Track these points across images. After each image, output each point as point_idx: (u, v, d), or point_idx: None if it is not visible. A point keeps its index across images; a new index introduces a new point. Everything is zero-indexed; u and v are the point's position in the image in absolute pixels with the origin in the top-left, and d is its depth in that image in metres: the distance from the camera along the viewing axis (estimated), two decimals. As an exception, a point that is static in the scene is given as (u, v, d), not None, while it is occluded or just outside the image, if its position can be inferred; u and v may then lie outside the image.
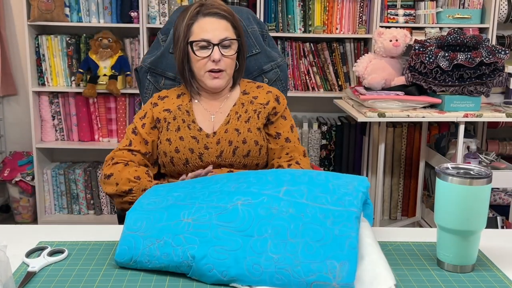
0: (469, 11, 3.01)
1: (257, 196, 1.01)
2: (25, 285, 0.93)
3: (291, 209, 0.98)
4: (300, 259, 0.92)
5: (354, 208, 0.98)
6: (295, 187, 1.02)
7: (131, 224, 1.02)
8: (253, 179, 1.07)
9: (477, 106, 2.45)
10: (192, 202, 1.03)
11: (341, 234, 0.93)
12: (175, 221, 1.00)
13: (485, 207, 0.99)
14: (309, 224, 0.96)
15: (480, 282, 0.96)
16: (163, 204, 1.06)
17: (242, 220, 0.98)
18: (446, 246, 1.01)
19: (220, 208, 1.00)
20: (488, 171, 0.99)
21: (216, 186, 1.08)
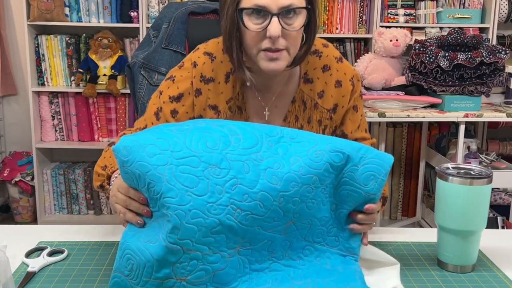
0: (470, 11, 3.01)
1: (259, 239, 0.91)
2: (24, 285, 0.93)
3: (287, 253, 0.94)
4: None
5: (354, 250, 0.96)
6: (301, 221, 0.93)
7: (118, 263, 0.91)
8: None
9: (477, 106, 2.45)
10: (184, 246, 0.86)
11: (346, 271, 0.93)
12: (165, 279, 0.87)
13: (485, 207, 0.98)
14: (308, 275, 0.93)
15: (481, 282, 0.96)
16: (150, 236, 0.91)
17: (238, 277, 0.90)
18: (447, 246, 1.00)
19: (217, 258, 0.87)
20: (489, 171, 0.99)
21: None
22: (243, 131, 0.93)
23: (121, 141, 0.90)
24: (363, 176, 0.93)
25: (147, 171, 0.87)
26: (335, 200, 0.95)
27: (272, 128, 0.96)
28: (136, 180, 0.89)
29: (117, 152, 0.90)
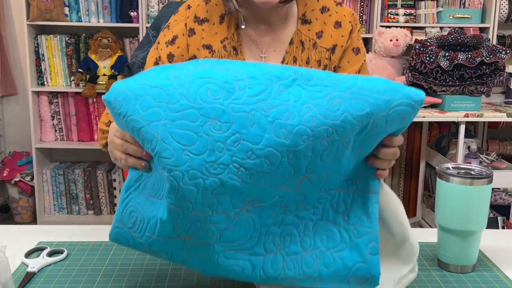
0: (470, 10, 3.01)
1: (268, 197, 0.83)
2: (24, 285, 0.93)
3: (301, 204, 0.85)
4: (319, 279, 0.84)
5: (372, 189, 0.86)
6: (316, 175, 0.83)
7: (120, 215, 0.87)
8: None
9: (477, 106, 2.45)
10: (185, 208, 0.79)
11: (360, 236, 0.84)
12: (169, 237, 0.82)
13: (485, 207, 0.98)
14: (323, 224, 0.85)
15: (481, 282, 0.96)
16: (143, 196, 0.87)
17: (248, 233, 0.84)
18: (447, 246, 1.00)
19: (223, 218, 0.81)
20: (489, 171, 0.99)
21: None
22: (251, 75, 0.81)
23: (112, 91, 0.82)
24: (390, 121, 0.81)
25: (140, 127, 0.79)
26: (358, 149, 0.83)
27: (284, 69, 0.83)
28: (131, 133, 0.83)
29: (108, 104, 0.82)
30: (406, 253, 0.90)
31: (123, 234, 0.85)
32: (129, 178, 0.87)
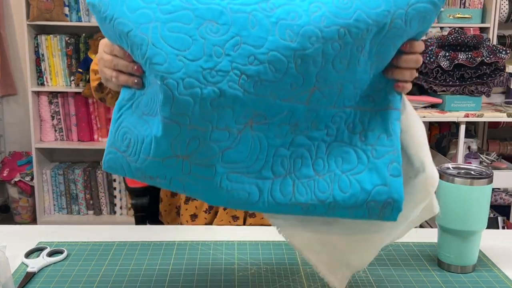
0: (470, 10, 3.01)
1: (275, 111, 0.74)
2: (24, 285, 0.93)
3: (313, 123, 0.77)
4: (334, 206, 0.75)
5: (392, 104, 0.77)
6: (328, 86, 0.74)
7: (113, 138, 0.80)
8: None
9: (478, 106, 2.45)
10: (181, 122, 0.71)
11: (379, 157, 0.75)
12: (166, 157, 0.74)
13: (486, 207, 0.98)
14: (337, 145, 0.77)
15: (481, 283, 0.96)
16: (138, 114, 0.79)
17: (253, 154, 0.75)
18: (447, 247, 1.00)
19: (225, 135, 0.73)
20: (489, 171, 0.99)
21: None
22: None
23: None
24: (409, 21, 0.72)
25: (128, 31, 0.71)
26: (375, 56, 0.74)
27: None
28: (119, 40, 0.75)
29: (92, 8, 0.75)
30: (422, 185, 0.79)
31: (117, 160, 0.77)
32: (121, 97, 0.80)
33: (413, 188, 0.79)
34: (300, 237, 0.82)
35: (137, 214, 1.49)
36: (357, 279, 0.95)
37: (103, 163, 0.80)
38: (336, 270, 0.83)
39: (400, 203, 0.74)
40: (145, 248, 1.06)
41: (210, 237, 1.12)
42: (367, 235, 0.82)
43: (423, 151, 0.79)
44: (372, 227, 0.80)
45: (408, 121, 0.79)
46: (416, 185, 0.79)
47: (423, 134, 0.80)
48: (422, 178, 0.78)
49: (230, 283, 0.94)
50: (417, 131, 0.79)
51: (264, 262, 1.01)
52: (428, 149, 0.80)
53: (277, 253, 1.04)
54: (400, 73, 0.77)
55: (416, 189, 0.79)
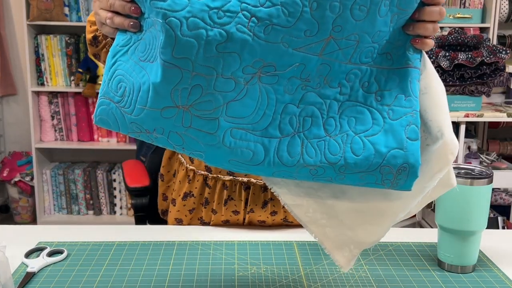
0: (470, 10, 3.01)
1: (286, 61, 0.68)
2: (24, 285, 0.92)
3: (326, 79, 0.71)
4: (345, 169, 0.70)
5: (411, 63, 0.72)
6: (344, 37, 0.68)
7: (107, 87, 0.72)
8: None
9: (478, 106, 2.45)
10: (183, 66, 0.65)
11: (396, 118, 0.70)
12: (164, 107, 0.67)
13: (486, 207, 0.98)
14: (350, 104, 0.72)
15: (481, 283, 0.96)
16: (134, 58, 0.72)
17: (260, 110, 0.70)
18: (447, 247, 1.00)
19: (230, 85, 0.67)
20: (489, 171, 0.99)
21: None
22: None
23: None
24: None
25: None
26: (396, 7, 0.68)
27: None
28: None
29: None
30: (440, 153, 0.73)
31: (110, 111, 0.71)
32: (115, 43, 0.74)
33: (431, 156, 0.73)
34: (305, 209, 0.78)
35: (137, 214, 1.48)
36: (357, 279, 0.95)
37: (94, 116, 0.73)
38: (343, 246, 0.79)
39: (416, 169, 0.69)
40: (145, 248, 1.06)
41: (210, 237, 1.12)
42: (378, 208, 0.76)
43: (442, 115, 0.73)
44: (384, 199, 0.76)
45: (428, 81, 0.74)
46: (434, 152, 0.73)
47: (443, 96, 0.74)
48: (441, 145, 0.72)
49: (230, 283, 0.94)
50: (437, 92, 0.74)
51: (264, 262, 1.01)
52: (447, 113, 0.74)
53: (277, 253, 1.04)
54: (423, 27, 0.72)
55: (433, 157, 0.73)
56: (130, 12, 0.72)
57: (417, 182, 0.72)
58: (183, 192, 1.21)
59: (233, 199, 1.17)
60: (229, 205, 1.17)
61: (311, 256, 1.03)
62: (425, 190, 0.75)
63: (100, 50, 1.02)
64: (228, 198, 1.17)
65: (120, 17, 0.74)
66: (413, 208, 0.78)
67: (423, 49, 0.73)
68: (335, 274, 0.96)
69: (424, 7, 0.71)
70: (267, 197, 1.15)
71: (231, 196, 1.16)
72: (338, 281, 0.94)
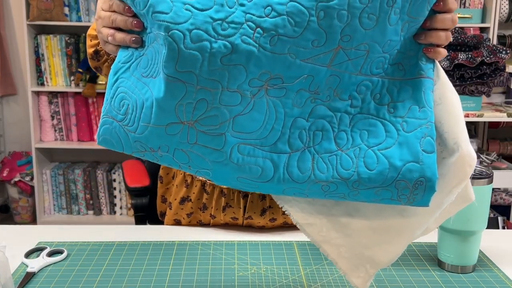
0: (470, 10, 3.01)
1: (294, 73, 0.66)
2: (24, 285, 0.92)
3: (336, 91, 0.69)
4: (358, 185, 0.68)
5: (424, 73, 0.70)
6: (353, 47, 0.66)
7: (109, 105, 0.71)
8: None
9: (478, 106, 2.45)
10: (187, 80, 0.63)
11: (411, 130, 0.68)
12: (169, 123, 0.66)
13: (486, 207, 0.98)
14: (362, 117, 0.70)
15: (481, 283, 0.96)
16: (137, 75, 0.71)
17: (268, 124, 0.68)
18: (447, 247, 1.00)
19: (236, 98, 0.65)
20: (489, 171, 0.99)
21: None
22: None
23: None
24: None
25: None
26: (406, 14, 0.66)
27: None
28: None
29: None
30: (458, 166, 0.70)
31: (113, 130, 0.69)
32: (117, 59, 0.73)
33: (448, 170, 0.71)
34: (318, 228, 0.76)
35: (137, 214, 1.48)
36: (357, 279, 0.95)
37: (98, 136, 0.72)
38: (359, 266, 0.76)
39: (433, 183, 0.67)
40: (145, 248, 1.06)
41: (210, 237, 1.12)
42: (394, 226, 0.74)
43: (458, 126, 0.70)
44: (400, 217, 0.73)
45: (443, 91, 0.71)
46: (451, 166, 0.70)
47: (459, 107, 0.71)
48: (458, 158, 0.70)
49: (230, 283, 0.94)
50: (452, 103, 0.71)
51: (264, 262, 1.01)
52: (464, 124, 0.71)
53: (277, 253, 1.04)
54: (435, 35, 0.70)
55: (451, 171, 0.71)
56: (132, 26, 0.71)
57: (434, 197, 0.69)
58: (180, 197, 1.20)
59: (231, 206, 1.16)
60: (227, 212, 1.16)
61: (311, 256, 1.03)
62: (443, 205, 0.73)
63: (102, 64, 1.02)
64: (226, 205, 1.16)
65: (121, 33, 0.74)
66: (431, 225, 0.76)
67: (436, 59, 0.72)
68: (335, 274, 0.96)
69: (435, 15, 0.70)
70: (265, 205, 1.14)
71: (229, 204, 1.16)
72: (338, 281, 0.94)
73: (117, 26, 0.75)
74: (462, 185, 0.72)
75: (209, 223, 1.20)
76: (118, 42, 0.74)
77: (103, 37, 0.78)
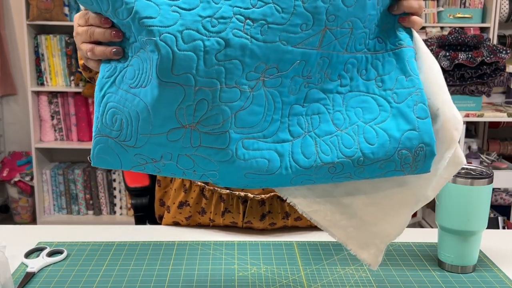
0: (470, 10, 3.01)
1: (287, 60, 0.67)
2: (24, 285, 0.92)
3: (326, 73, 0.71)
4: (363, 161, 0.69)
5: (404, 42, 0.72)
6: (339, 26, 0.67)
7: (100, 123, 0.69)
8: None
9: (478, 106, 2.45)
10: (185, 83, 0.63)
11: (402, 100, 0.70)
12: (170, 129, 0.65)
13: (486, 207, 0.98)
14: (353, 95, 0.72)
15: (481, 283, 0.96)
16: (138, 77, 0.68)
17: (268, 115, 0.69)
18: (447, 247, 1.00)
19: (236, 94, 0.65)
20: (489, 171, 0.98)
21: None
22: None
23: None
24: None
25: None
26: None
27: None
28: (97, 1, 0.66)
29: None
30: (444, 131, 0.72)
31: (108, 148, 0.68)
32: (100, 75, 0.70)
33: (436, 136, 0.72)
34: (323, 213, 0.78)
35: (137, 214, 1.48)
36: (357, 279, 0.95)
37: (92, 158, 0.70)
38: (368, 244, 0.78)
39: (432, 147, 0.69)
40: (145, 248, 1.06)
41: (210, 237, 1.12)
42: (395, 198, 0.76)
43: (439, 93, 0.72)
44: (398, 188, 0.76)
45: (421, 60, 0.73)
46: (438, 132, 0.72)
47: (439, 74, 0.73)
48: (443, 123, 0.72)
49: (230, 283, 0.93)
50: (432, 70, 0.73)
51: (264, 262, 1.00)
52: (445, 89, 0.73)
53: (277, 253, 1.04)
54: (407, 4, 0.72)
55: (439, 137, 0.72)
56: (112, 37, 0.70)
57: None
58: (179, 201, 1.19)
59: (231, 212, 1.15)
60: (226, 217, 1.16)
61: (311, 256, 1.03)
62: (437, 171, 0.75)
63: (94, 74, 1.01)
64: (225, 210, 1.15)
65: (101, 46, 0.72)
66: (430, 193, 0.78)
67: (412, 27, 0.73)
68: (335, 274, 0.96)
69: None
70: (265, 210, 1.14)
71: (228, 209, 1.15)
72: (338, 281, 0.94)
73: (96, 40, 0.72)
74: (453, 149, 0.73)
75: (208, 225, 1.20)
76: (98, 56, 0.72)
77: (83, 54, 0.76)
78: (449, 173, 0.78)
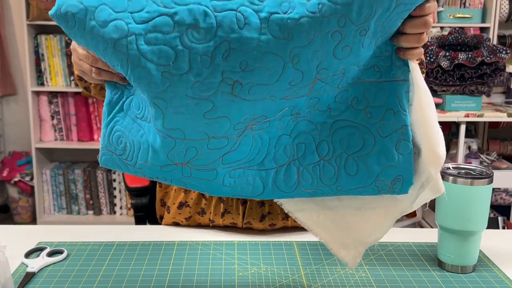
0: (470, 10, 3.01)
1: (275, 109, 0.68)
2: (24, 285, 0.92)
3: (316, 107, 0.72)
4: (342, 188, 0.73)
5: (399, 75, 0.71)
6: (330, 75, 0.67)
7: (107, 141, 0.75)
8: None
9: (478, 106, 2.45)
10: (176, 136, 0.68)
11: (387, 135, 0.71)
12: (164, 165, 0.71)
13: (486, 207, 0.98)
14: (341, 124, 0.72)
15: (481, 283, 0.96)
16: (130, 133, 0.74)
17: (255, 150, 0.72)
18: (447, 247, 1.00)
19: (223, 142, 0.69)
20: (489, 171, 0.98)
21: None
22: None
23: (58, 3, 0.64)
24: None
25: (104, 49, 0.63)
26: (380, 32, 0.67)
27: None
28: (97, 54, 0.67)
29: (57, 21, 0.64)
30: (423, 166, 0.74)
31: (113, 161, 0.74)
32: (108, 98, 0.74)
33: (418, 167, 0.75)
34: (309, 215, 0.81)
35: (137, 214, 1.48)
36: (357, 279, 0.95)
37: (100, 161, 0.77)
38: (349, 245, 0.82)
39: (410, 178, 0.72)
40: (145, 248, 1.06)
41: (210, 237, 1.12)
42: (378, 208, 0.80)
43: (424, 128, 0.72)
44: (383, 202, 0.79)
45: (413, 94, 0.73)
46: (419, 164, 0.75)
47: (428, 109, 0.71)
48: (422, 158, 0.74)
49: (230, 283, 0.94)
50: (420, 105, 0.72)
51: (264, 262, 1.00)
52: (432, 125, 0.72)
53: (277, 253, 1.04)
54: (406, 39, 0.70)
55: (419, 169, 0.75)
56: (114, 71, 0.71)
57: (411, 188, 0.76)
58: (179, 202, 1.19)
59: (230, 213, 1.15)
60: (226, 218, 1.16)
61: (311, 256, 1.03)
62: (419, 194, 0.79)
63: (89, 84, 1.02)
64: (225, 211, 1.15)
65: (107, 72, 0.73)
66: (414, 205, 0.82)
67: (409, 59, 0.71)
68: (335, 274, 0.96)
69: (407, 20, 0.69)
70: (264, 211, 1.14)
71: (228, 210, 1.15)
72: (338, 281, 0.94)
73: (98, 67, 0.73)
74: (431, 182, 0.75)
75: (208, 226, 1.20)
76: (104, 79, 0.73)
77: (82, 69, 0.75)
78: (428, 198, 0.80)
